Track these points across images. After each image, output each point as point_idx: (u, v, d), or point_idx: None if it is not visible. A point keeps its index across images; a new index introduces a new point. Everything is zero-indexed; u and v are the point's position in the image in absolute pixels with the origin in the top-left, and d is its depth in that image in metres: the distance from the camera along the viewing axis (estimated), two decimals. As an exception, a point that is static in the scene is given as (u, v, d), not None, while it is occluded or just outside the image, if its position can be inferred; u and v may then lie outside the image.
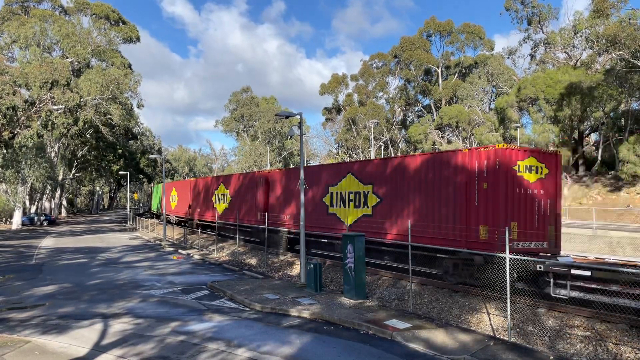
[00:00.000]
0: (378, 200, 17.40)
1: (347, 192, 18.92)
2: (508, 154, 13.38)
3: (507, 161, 13.30)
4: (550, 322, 10.59)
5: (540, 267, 11.86)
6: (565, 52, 53.64)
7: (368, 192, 17.89)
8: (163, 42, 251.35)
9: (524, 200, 13.60)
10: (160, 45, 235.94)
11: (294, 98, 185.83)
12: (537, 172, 14.00)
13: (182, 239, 32.63)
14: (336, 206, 19.53)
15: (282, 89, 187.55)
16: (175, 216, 43.44)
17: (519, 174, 13.53)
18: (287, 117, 17.71)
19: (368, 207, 17.77)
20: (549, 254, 13.74)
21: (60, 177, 61.98)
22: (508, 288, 9.86)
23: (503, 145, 13.50)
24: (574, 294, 12.11)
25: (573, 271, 11.13)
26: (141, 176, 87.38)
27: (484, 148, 13.79)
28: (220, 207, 31.23)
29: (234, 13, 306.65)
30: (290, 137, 19.88)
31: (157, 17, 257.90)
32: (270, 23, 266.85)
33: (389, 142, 75.42)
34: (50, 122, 42.41)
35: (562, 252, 14.72)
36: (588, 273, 11.12)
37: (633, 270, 8.89)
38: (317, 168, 22.96)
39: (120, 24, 53.03)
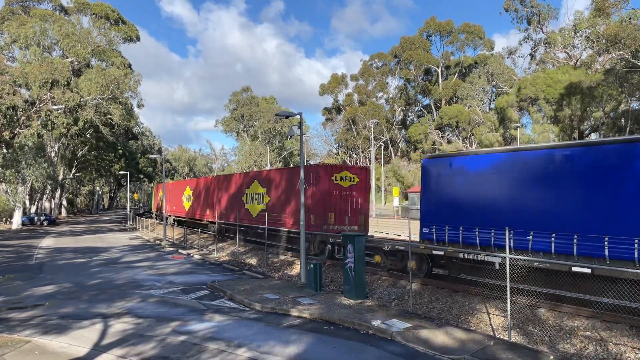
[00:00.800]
0: (269, 199, 24.80)
1: (255, 193, 26.34)
2: (328, 169, 21.11)
3: (326, 173, 20.67)
4: (550, 322, 10.60)
5: (331, 240, 19.29)
6: (565, 52, 53.64)
7: (264, 193, 25.37)
8: (162, 41, 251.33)
9: (339, 199, 20.95)
10: (159, 45, 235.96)
11: (293, 98, 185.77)
12: (350, 181, 21.29)
13: (182, 238, 32.64)
14: (248, 203, 27.10)
15: (282, 88, 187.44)
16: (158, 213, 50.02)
17: (335, 182, 20.77)
18: (287, 117, 17.71)
19: (264, 203, 25.31)
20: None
21: (60, 177, 61.97)
22: (508, 288, 9.86)
23: (323, 163, 22.07)
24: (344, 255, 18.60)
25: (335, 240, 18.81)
26: (141, 176, 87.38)
27: (314, 165, 22.39)
28: (187, 204, 39.10)
29: (233, 12, 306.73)
30: (290, 137, 20.34)
31: (155, 17, 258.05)
32: (269, 23, 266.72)
33: (389, 142, 75.45)
34: (50, 122, 42.44)
35: (369, 233, 22.13)
36: (339, 240, 17.58)
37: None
38: (240, 175, 30.07)
39: (120, 23, 53.05)
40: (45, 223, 52.55)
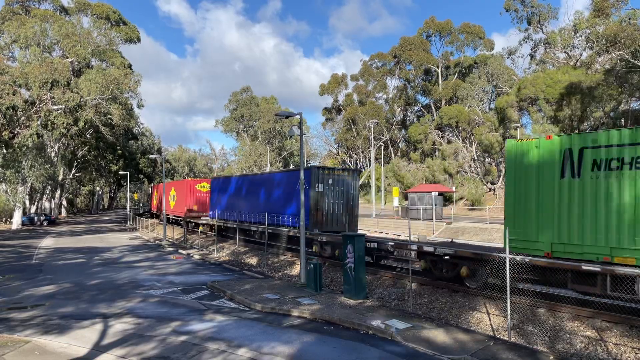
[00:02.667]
0: (177, 198, 42.37)
1: (173, 194, 44.31)
2: (194, 181, 40.24)
3: (193, 184, 39.37)
4: (550, 322, 10.61)
5: (191, 220, 36.74)
6: (565, 52, 53.65)
7: (176, 194, 43.18)
8: (159, 41, 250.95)
9: (200, 198, 37.72)
10: (156, 45, 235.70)
11: (292, 97, 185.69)
12: (206, 188, 37.00)
13: (182, 238, 32.66)
14: (172, 201, 44.39)
15: (281, 88, 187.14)
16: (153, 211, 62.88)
17: (198, 188, 38.54)
18: (287, 117, 17.72)
19: (175, 201, 43.40)
20: (207, 217, 33.80)
21: (60, 177, 61.95)
22: (508, 288, 9.87)
23: (191, 178, 49.96)
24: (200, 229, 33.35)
25: (201, 222, 33.87)
26: (141, 176, 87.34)
27: (187, 179, 45.23)
28: (155, 202, 54.18)
29: (230, 12, 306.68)
30: (291, 137, 20.34)
31: (153, 16, 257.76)
32: (267, 22, 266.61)
33: (389, 142, 75.45)
34: (50, 122, 42.34)
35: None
36: (190, 219, 37.09)
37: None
38: (170, 184, 47.70)
39: (121, 24, 53.03)
40: (45, 223, 52.53)
